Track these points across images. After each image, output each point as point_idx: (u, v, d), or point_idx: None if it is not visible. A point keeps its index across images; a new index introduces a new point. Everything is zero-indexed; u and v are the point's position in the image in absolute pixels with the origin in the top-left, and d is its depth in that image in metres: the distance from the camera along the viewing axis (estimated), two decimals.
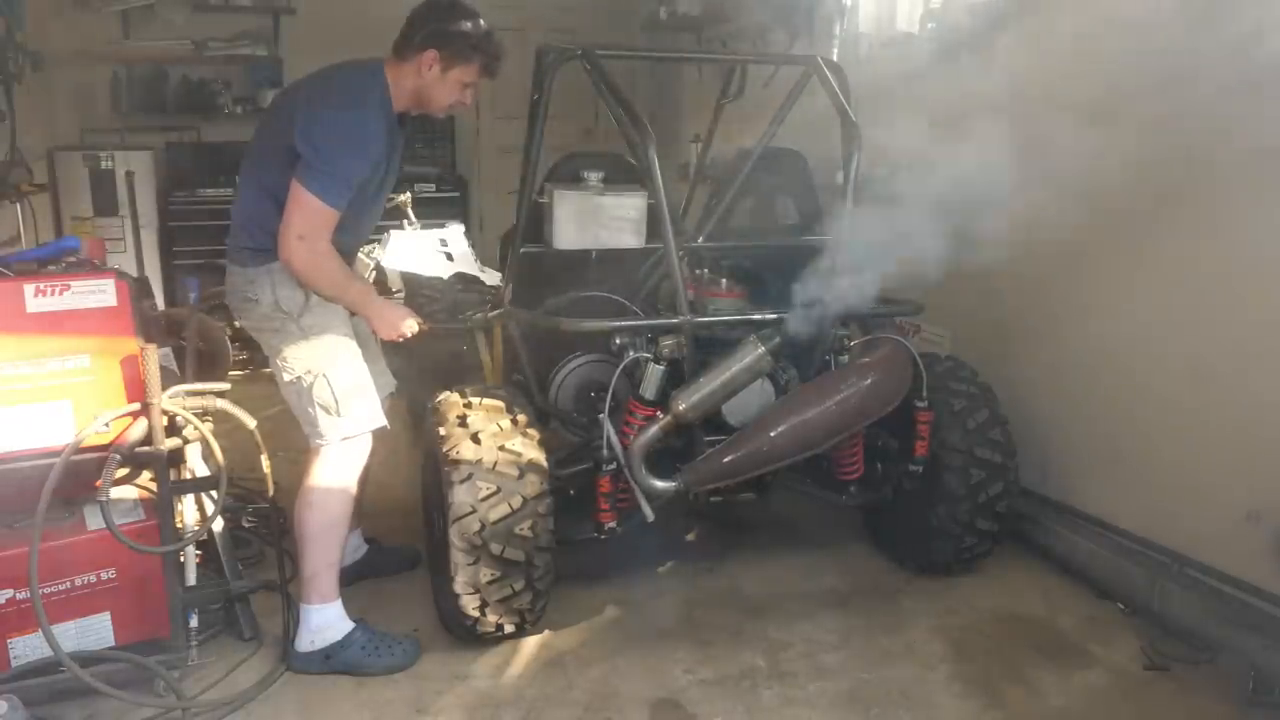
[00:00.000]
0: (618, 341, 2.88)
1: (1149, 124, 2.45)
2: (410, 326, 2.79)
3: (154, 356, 2.47)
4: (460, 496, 2.61)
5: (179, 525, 2.71)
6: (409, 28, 2.67)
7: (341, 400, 2.66)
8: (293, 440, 2.81)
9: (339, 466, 2.72)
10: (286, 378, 2.71)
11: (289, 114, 2.58)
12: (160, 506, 2.61)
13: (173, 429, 2.61)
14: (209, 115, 6.88)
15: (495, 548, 2.60)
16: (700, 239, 3.55)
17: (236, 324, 3.13)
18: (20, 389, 2.45)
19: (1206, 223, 2.86)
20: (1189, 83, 2.35)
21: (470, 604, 2.67)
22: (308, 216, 2.52)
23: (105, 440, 2.49)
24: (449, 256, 5.30)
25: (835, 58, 4.32)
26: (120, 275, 2.61)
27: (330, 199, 2.52)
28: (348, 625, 2.75)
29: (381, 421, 2.78)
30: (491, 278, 4.86)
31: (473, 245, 5.66)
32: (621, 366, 2.80)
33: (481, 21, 2.70)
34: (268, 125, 2.75)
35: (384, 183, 2.80)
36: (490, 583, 2.64)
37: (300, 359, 2.67)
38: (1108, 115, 2.44)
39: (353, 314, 2.79)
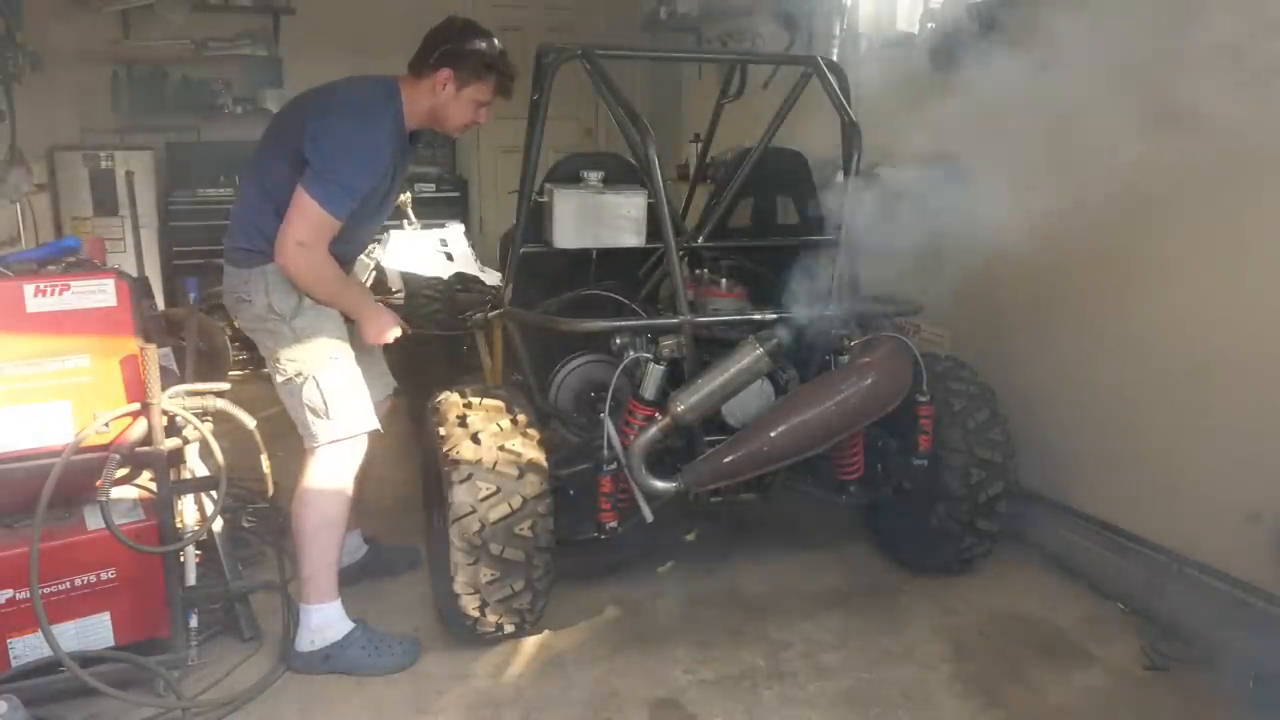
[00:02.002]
0: (618, 341, 2.89)
1: (1150, 122, 2.44)
2: (393, 333, 2.84)
3: (154, 356, 2.47)
4: (460, 496, 2.61)
5: (179, 525, 2.71)
6: (424, 47, 2.70)
7: (331, 403, 2.67)
8: (292, 440, 2.81)
9: (332, 467, 2.72)
10: (279, 379, 2.72)
11: (300, 120, 2.60)
12: (160, 506, 2.61)
13: (173, 429, 2.62)
14: (209, 115, 6.87)
15: (495, 548, 2.60)
16: (700, 239, 3.55)
17: (236, 323, 3.14)
18: (20, 389, 2.45)
19: (1208, 222, 2.86)
20: (1194, 79, 2.34)
21: (470, 604, 2.67)
22: (309, 223, 2.53)
23: (105, 440, 2.50)
24: (449, 256, 5.30)
25: (835, 58, 4.32)
26: (120, 275, 2.62)
27: (333, 207, 2.53)
28: (347, 625, 2.75)
29: (374, 424, 2.78)
30: (491, 278, 4.86)
31: (473, 245, 5.66)
32: (621, 366, 2.81)
33: (496, 41, 2.73)
34: (277, 128, 2.76)
35: (387, 197, 2.82)
36: (490, 583, 2.64)
37: (292, 361, 2.68)
38: (1108, 112, 2.44)
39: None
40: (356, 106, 2.62)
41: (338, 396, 2.68)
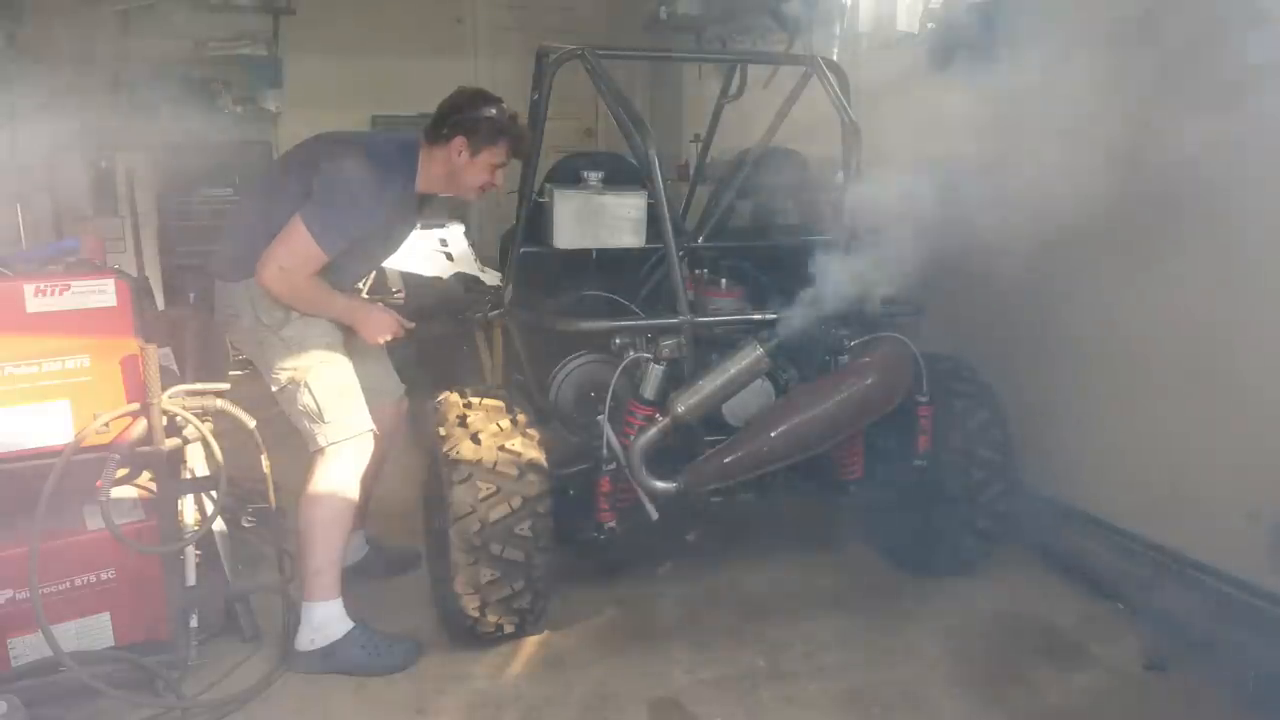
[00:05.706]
0: (618, 341, 2.89)
1: (1151, 120, 2.44)
2: (390, 331, 2.87)
3: (154, 356, 2.48)
4: (460, 496, 2.61)
5: (179, 525, 2.71)
6: (438, 117, 2.80)
7: (325, 407, 2.71)
8: (293, 440, 2.82)
9: (338, 468, 2.74)
10: (275, 388, 2.78)
11: (318, 154, 2.72)
12: (160, 506, 2.61)
13: (173, 429, 2.62)
14: (209, 115, 6.87)
15: (495, 548, 2.60)
16: (700, 239, 3.54)
17: (230, 340, 3.18)
18: (20, 389, 2.45)
19: (1208, 221, 2.85)
20: (1195, 78, 2.34)
21: (470, 604, 2.67)
22: (295, 251, 2.62)
23: (105, 440, 2.50)
24: (449, 256, 5.29)
25: (835, 58, 4.31)
26: (120, 275, 2.62)
27: (322, 241, 2.62)
28: (348, 624, 2.76)
29: (369, 426, 2.81)
30: (491, 278, 4.86)
31: (473, 245, 5.66)
32: (621, 367, 2.81)
33: (505, 106, 2.82)
34: (295, 157, 2.85)
35: (383, 244, 2.93)
36: (490, 583, 2.64)
37: (284, 369, 2.73)
38: (1110, 110, 2.44)
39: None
40: (372, 156, 2.74)
41: (331, 400, 2.72)
